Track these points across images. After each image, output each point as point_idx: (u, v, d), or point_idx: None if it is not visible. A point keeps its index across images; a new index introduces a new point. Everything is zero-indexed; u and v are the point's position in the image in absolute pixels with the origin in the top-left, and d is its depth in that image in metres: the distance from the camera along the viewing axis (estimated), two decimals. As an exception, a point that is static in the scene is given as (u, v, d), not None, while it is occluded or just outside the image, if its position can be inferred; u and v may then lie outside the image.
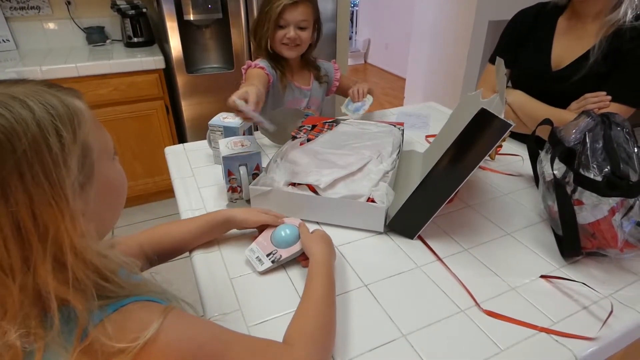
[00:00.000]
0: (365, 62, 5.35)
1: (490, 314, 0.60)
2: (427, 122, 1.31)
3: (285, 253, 0.68)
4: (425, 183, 0.71)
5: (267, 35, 1.17)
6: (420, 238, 0.76)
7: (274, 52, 1.21)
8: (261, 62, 1.19)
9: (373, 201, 0.77)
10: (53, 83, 0.40)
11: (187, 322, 0.41)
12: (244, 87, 0.91)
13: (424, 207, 0.73)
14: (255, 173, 0.85)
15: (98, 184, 0.40)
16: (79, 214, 0.36)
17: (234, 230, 0.76)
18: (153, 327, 0.36)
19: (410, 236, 0.76)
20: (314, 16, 1.19)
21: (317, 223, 0.80)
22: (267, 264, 0.67)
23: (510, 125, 0.61)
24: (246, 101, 0.85)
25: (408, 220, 0.75)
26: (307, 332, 0.51)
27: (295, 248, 0.68)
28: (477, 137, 0.64)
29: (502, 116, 0.62)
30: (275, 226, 0.73)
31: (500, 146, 1.08)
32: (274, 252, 0.68)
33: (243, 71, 1.21)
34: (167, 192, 2.15)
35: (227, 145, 0.85)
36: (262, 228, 0.75)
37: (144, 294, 0.40)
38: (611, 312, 0.58)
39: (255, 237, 0.73)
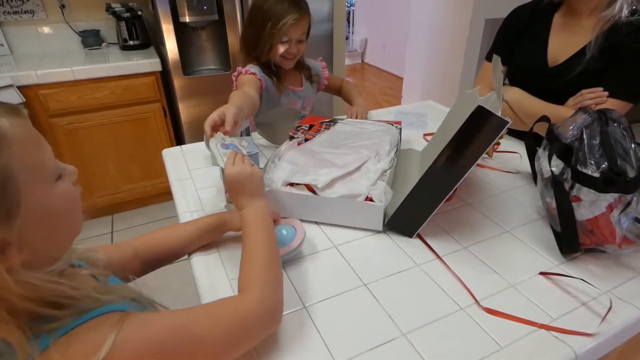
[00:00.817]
0: (362, 61, 5.35)
1: (490, 311, 0.59)
2: (426, 121, 1.31)
3: (281, 252, 0.68)
4: (423, 181, 0.71)
5: (268, 51, 1.16)
6: (419, 236, 0.76)
7: (268, 61, 1.20)
8: (252, 68, 1.18)
9: (371, 200, 0.76)
10: None
11: (142, 327, 0.39)
12: (226, 105, 0.86)
13: (422, 206, 0.73)
14: (253, 174, 0.85)
15: (28, 212, 0.36)
16: None
17: (232, 232, 0.75)
18: (105, 346, 0.34)
19: (409, 235, 0.76)
20: (309, 26, 1.21)
21: (316, 223, 0.80)
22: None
23: (507, 122, 0.61)
24: (223, 122, 0.78)
25: (407, 219, 0.75)
26: (255, 275, 0.53)
27: (291, 247, 0.68)
28: (474, 134, 0.64)
29: (499, 113, 0.62)
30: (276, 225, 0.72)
31: (498, 143, 1.08)
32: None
33: (234, 78, 1.20)
34: (165, 194, 2.14)
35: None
36: None
37: (103, 306, 0.38)
38: (610, 308, 0.58)
39: None
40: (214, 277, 0.67)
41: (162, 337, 0.39)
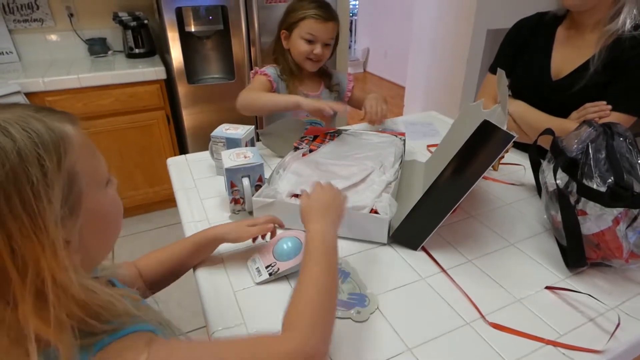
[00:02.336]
0: (364, 70, 5.38)
1: (497, 326, 0.59)
2: (437, 130, 1.31)
3: (283, 266, 0.67)
4: (428, 194, 0.71)
5: (285, 43, 1.20)
6: (424, 249, 0.75)
7: (292, 59, 1.22)
8: (268, 69, 1.22)
9: (376, 212, 0.76)
10: (43, 107, 0.38)
11: (171, 353, 0.38)
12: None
13: (427, 219, 0.73)
14: (258, 185, 0.85)
15: (86, 214, 0.38)
16: (62, 247, 0.34)
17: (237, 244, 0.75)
18: None
19: (414, 247, 0.76)
20: (337, 33, 1.22)
21: (320, 234, 0.80)
22: (265, 275, 0.67)
23: (513, 137, 0.62)
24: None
25: (412, 232, 0.75)
26: (302, 312, 0.47)
27: (294, 262, 0.68)
28: (480, 148, 0.64)
29: (504, 127, 0.62)
30: (271, 234, 0.73)
31: (502, 156, 1.08)
32: (272, 264, 0.68)
33: (251, 75, 1.24)
34: (167, 201, 2.15)
35: (230, 157, 0.85)
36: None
37: (135, 324, 0.38)
38: (618, 324, 0.58)
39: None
40: (218, 288, 0.67)
41: (192, 354, 0.39)
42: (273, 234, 0.74)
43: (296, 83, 1.24)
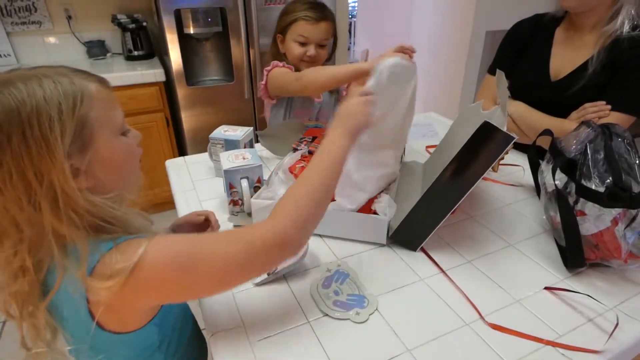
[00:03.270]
0: (363, 72, 5.38)
1: (496, 327, 0.59)
2: (435, 131, 1.32)
3: (281, 265, 0.67)
4: (428, 195, 0.71)
5: (280, 46, 1.17)
6: (423, 250, 0.75)
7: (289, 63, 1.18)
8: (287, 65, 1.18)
9: (375, 213, 0.76)
10: (82, 70, 0.50)
11: (166, 239, 0.49)
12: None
13: (426, 220, 0.73)
14: (257, 186, 0.85)
15: (96, 152, 0.48)
16: (69, 170, 0.45)
17: None
18: (141, 249, 0.45)
19: (413, 248, 0.75)
20: (333, 32, 1.19)
21: (320, 236, 0.80)
22: (263, 275, 0.67)
23: (513, 138, 0.62)
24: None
25: (411, 233, 0.75)
26: (286, 204, 0.54)
27: (292, 260, 0.67)
28: (480, 149, 0.64)
29: (504, 129, 0.62)
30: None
31: (502, 158, 1.09)
32: (272, 265, 0.68)
33: (265, 72, 1.17)
34: (166, 203, 2.13)
35: (229, 159, 0.85)
36: None
37: (144, 233, 0.49)
38: (617, 324, 0.58)
39: None
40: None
41: (178, 244, 0.49)
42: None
43: None
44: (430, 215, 0.72)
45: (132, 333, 0.53)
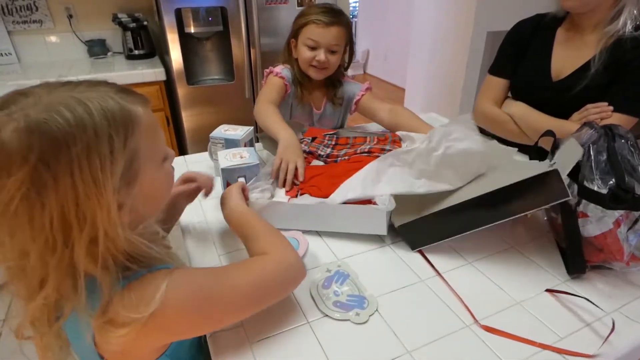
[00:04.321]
0: (364, 72, 5.38)
1: (489, 329, 0.58)
2: None
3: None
4: (456, 208, 0.70)
5: (292, 52, 1.16)
6: (420, 252, 0.75)
7: (299, 68, 1.17)
8: (283, 72, 1.16)
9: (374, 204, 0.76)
10: (124, 88, 0.46)
11: (184, 277, 0.47)
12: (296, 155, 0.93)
13: (442, 228, 0.73)
14: (256, 186, 0.84)
15: (140, 186, 0.45)
16: (115, 209, 0.42)
17: (236, 244, 0.75)
18: (159, 292, 0.42)
19: (412, 247, 0.75)
20: (347, 39, 1.14)
21: (320, 236, 0.79)
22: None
23: (568, 196, 0.61)
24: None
25: (419, 232, 0.74)
26: (266, 244, 0.58)
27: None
28: (533, 191, 0.64)
29: (564, 179, 0.61)
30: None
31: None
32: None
33: (265, 74, 1.19)
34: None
35: (226, 157, 0.85)
36: None
37: (164, 264, 0.47)
38: (612, 329, 0.57)
39: None
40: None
41: (200, 280, 0.48)
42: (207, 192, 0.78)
43: (305, 93, 1.19)
44: (447, 226, 0.72)
45: None
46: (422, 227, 0.74)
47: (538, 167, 0.65)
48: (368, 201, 0.78)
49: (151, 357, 0.51)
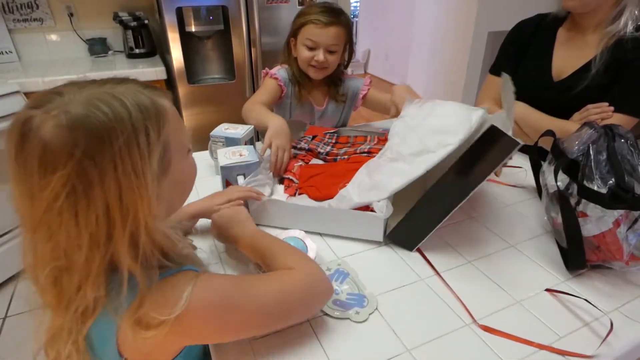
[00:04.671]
0: (365, 72, 5.38)
1: (487, 329, 0.58)
2: None
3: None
4: (428, 196, 0.70)
5: (290, 51, 1.17)
6: (419, 251, 0.75)
7: (298, 68, 1.18)
8: (278, 73, 1.17)
9: (372, 211, 0.76)
10: (147, 84, 0.46)
11: (210, 281, 0.47)
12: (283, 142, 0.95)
13: (425, 220, 0.72)
14: (257, 184, 0.85)
15: (171, 175, 0.47)
16: (154, 200, 0.42)
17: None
18: (185, 294, 0.43)
19: (410, 248, 0.75)
20: (346, 39, 1.14)
21: (320, 235, 0.79)
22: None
23: (519, 144, 0.61)
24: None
25: (409, 232, 0.74)
26: (290, 259, 0.57)
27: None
28: (484, 153, 0.64)
29: (509, 133, 0.61)
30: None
31: (506, 162, 1.08)
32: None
33: (262, 75, 1.21)
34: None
35: (226, 155, 0.85)
36: None
37: (188, 264, 0.48)
38: (611, 329, 0.57)
39: None
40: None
41: (227, 287, 0.48)
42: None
43: (304, 92, 1.20)
44: (429, 217, 0.72)
45: None
46: (409, 226, 0.74)
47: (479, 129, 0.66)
48: (366, 207, 0.78)
49: (168, 359, 0.51)
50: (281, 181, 0.96)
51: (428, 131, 0.76)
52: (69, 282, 0.42)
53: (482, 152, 0.64)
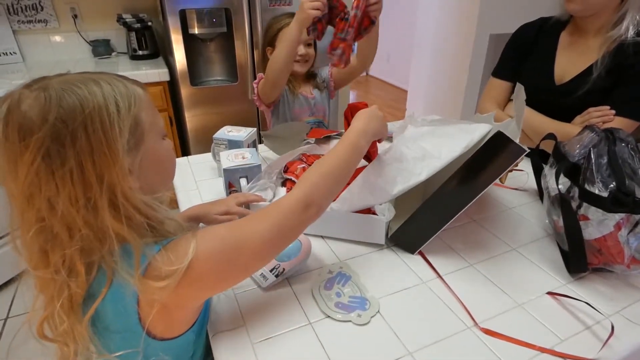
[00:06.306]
0: (366, 74, 5.39)
1: (488, 332, 0.59)
2: None
3: (287, 265, 0.67)
4: (431, 200, 0.70)
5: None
6: (421, 254, 0.75)
7: None
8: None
9: (374, 214, 0.76)
10: (125, 77, 0.51)
11: (209, 231, 0.51)
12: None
13: (428, 224, 0.73)
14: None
15: (146, 151, 0.50)
16: (126, 168, 0.46)
17: None
18: (191, 247, 0.46)
19: (411, 251, 0.75)
20: None
21: (322, 237, 0.80)
22: (271, 278, 0.67)
23: (525, 151, 0.61)
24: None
25: (411, 235, 0.75)
26: (308, 178, 0.58)
27: (297, 260, 0.68)
28: (490, 159, 0.64)
29: (517, 141, 0.62)
30: None
31: (511, 169, 1.08)
32: (276, 267, 0.68)
33: (254, 85, 1.25)
34: (169, 203, 2.14)
35: (228, 158, 0.85)
36: None
37: (183, 232, 0.51)
38: (612, 333, 0.57)
39: None
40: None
41: (222, 233, 0.51)
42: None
43: (295, 85, 1.32)
44: (432, 221, 0.72)
45: (175, 340, 0.53)
46: (411, 230, 0.74)
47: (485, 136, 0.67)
48: (368, 210, 0.78)
49: (187, 322, 0.54)
50: (283, 183, 0.96)
51: (433, 138, 0.76)
52: (52, 244, 0.45)
53: (487, 158, 0.64)
